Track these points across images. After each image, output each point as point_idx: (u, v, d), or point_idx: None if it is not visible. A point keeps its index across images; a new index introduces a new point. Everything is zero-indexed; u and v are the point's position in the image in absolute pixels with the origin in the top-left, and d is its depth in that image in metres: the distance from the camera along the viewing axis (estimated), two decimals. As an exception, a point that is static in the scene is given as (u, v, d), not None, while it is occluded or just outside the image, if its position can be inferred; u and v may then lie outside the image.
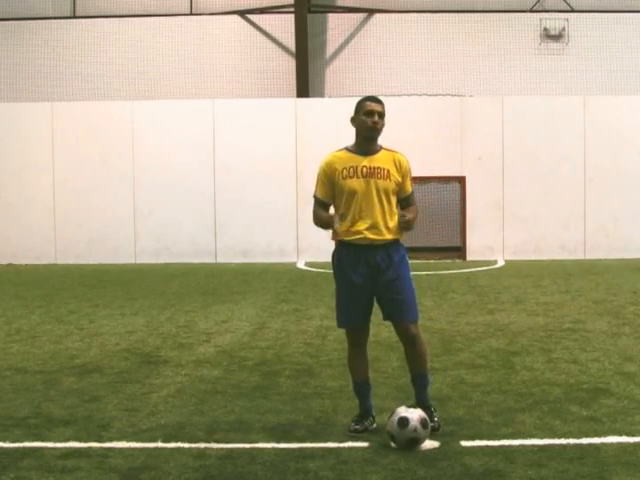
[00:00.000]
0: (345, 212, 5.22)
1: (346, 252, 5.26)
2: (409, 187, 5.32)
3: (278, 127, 17.75)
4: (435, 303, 11.04)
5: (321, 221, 5.30)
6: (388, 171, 5.21)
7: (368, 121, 5.19)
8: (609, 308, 10.37)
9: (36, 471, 4.55)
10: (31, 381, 6.78)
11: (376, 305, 5.34)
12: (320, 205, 5.35)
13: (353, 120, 5.30)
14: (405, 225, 5.20)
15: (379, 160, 5.23)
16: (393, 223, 5.22)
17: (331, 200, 5.32)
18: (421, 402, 5.28)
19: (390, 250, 5.24)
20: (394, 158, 5.27)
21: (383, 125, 5.28)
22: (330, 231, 5.33)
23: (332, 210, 5.37)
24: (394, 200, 5.26)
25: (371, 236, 5.17)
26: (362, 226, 5.18)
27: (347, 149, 5.33)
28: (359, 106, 5.27)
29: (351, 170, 5.20)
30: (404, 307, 5.26)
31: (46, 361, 7.59)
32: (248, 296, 12.02)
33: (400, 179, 5.25)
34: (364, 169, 5.20)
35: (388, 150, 5.31)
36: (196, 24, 20.36)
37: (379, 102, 5.29)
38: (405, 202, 5.33)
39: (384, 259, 5.21)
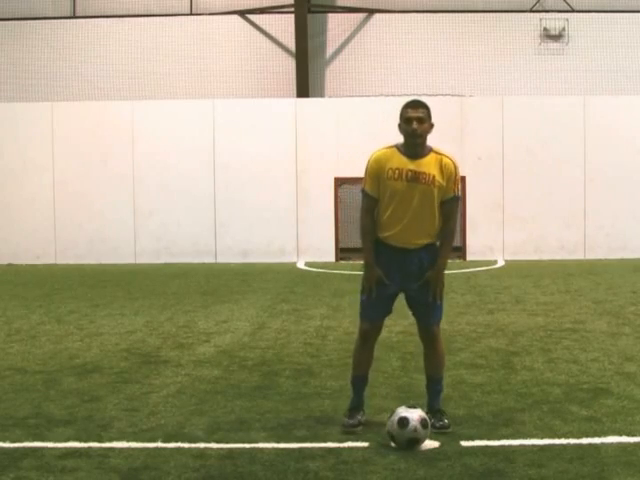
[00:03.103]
0: (385, 211, 5.22)
1: (380, 250, 5.25)
2: (451, 191, 5.21)
3: (278, 127, 17.74)
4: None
5: (365, 236, 5.29)
6: (433, 177, 5.15)
7: (408, 129, 5.15)
8: (609, 308, 10.36)
9: (36, 471, 4.55)
10: (31, 381, 6.78)
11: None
12: (369, 200, 5.28)
13: (399, 126, 5.23)
14: (439, 294, 5.23)
15: (426, 164, 5.17)
16: (433, 228, 5.21)
17: (378, 195, 5.27)
18: (432, 408, 5.28)
19: (424, 254, 5.23)
20: (441, 161, 5.19)
21: (428, 128, 5.19)
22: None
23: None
24: (437, 205, 5.20)
25: (405, 239, 5.16)
26: (398, 228, 5.17)
27: (397, 148, 5.26)
28: (400, 113, 5.21)
29: (397, 172, 5.16)
30: (431, 310, 5.31)
31: (46, 361, 7.59)
32: (248, 296, 12.02)
33: (444, 183, 5.18)
34: (409, 173, 5.15)
35: (437, 153, 5.24)
36: (196, 24, 20.35)
37: (418, 107, 5.19)
38: (445, 206, 5.21)
39: (415, 263, 5.22)
